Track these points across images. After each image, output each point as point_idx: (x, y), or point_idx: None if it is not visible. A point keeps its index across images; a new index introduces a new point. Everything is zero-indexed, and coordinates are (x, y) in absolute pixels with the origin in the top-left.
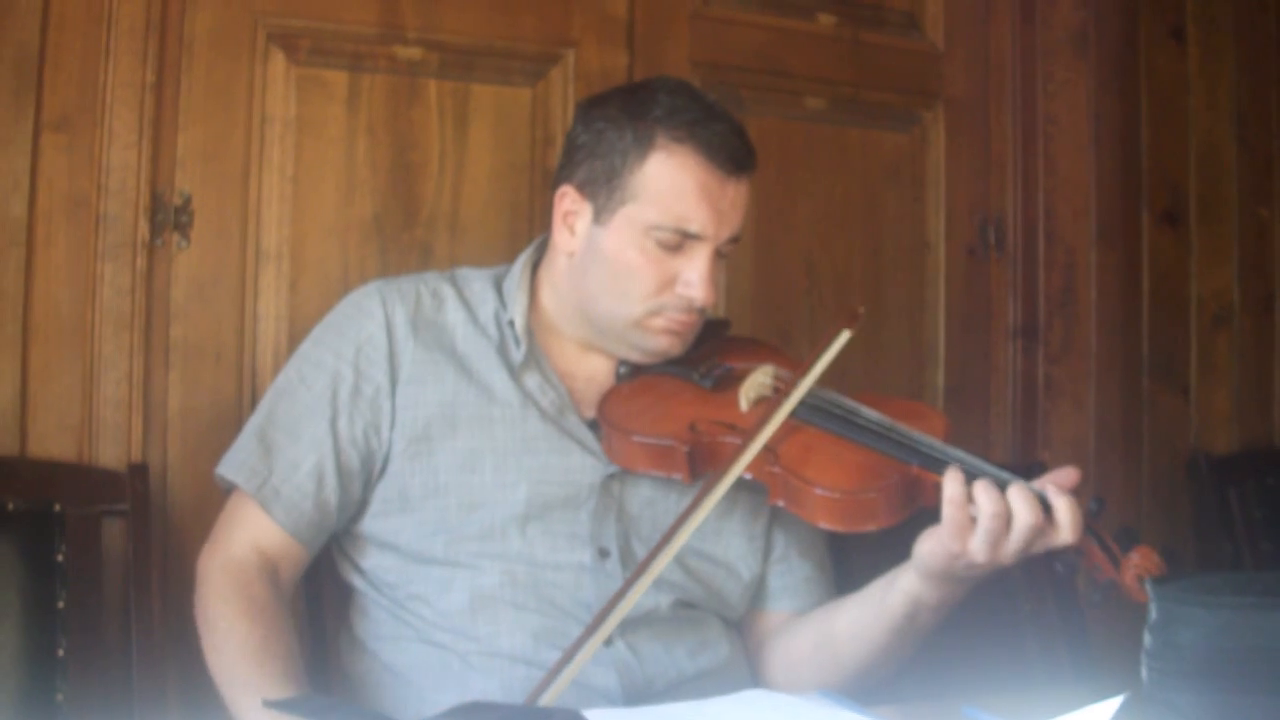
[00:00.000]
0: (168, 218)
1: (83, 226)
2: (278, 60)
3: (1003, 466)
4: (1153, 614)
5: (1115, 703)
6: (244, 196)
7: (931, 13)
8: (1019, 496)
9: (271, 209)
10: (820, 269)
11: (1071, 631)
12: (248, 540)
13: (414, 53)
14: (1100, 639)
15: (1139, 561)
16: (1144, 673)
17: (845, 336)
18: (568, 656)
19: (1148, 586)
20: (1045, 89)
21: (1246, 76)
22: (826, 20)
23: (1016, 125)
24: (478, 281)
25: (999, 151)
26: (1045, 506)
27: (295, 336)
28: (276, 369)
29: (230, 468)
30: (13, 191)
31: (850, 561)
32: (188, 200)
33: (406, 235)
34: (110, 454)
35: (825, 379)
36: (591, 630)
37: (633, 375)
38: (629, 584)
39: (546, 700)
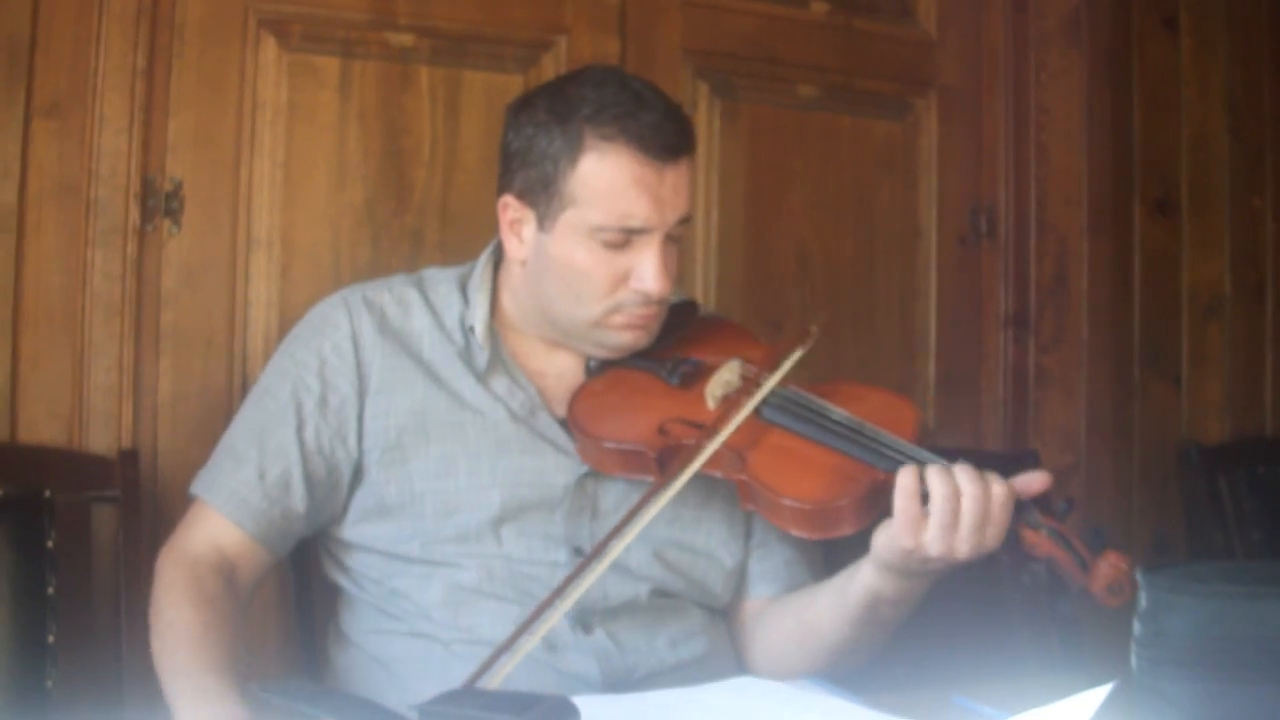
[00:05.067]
0: (158, 203)
1: (73, 212)
2: (269, 46)
3: (993, 455)
4: (1143, 602)
5: (1104, 691)
6: (235, 182)
7: (924, 0)
8: (965, 474)
9: (263, 195)
10: (812, 257)
11: (1061, 619)
12: (207, 538)
13: (406, 39)
14: (1090, 627)
15: (1108, 571)
16: (1133, 661)
17: (798, 354)
18: (511, 640)
19: (1138, 575)
20: (1038, 78)
21: (1239, 66)
22: (819, 7)
23: (1009, 114)
24: (444, 284)
25: (991, 140)
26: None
27: (286, 323)
28: (267, 355)
29: (202, 486)
30: (3, 177)
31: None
32: (179, 186)
33: (397, 222)
34: (100, 440)
35: (802, 374)
36: (535, 617)
37: (602, 369)
38: (576, 573)
39: (494, 680)
